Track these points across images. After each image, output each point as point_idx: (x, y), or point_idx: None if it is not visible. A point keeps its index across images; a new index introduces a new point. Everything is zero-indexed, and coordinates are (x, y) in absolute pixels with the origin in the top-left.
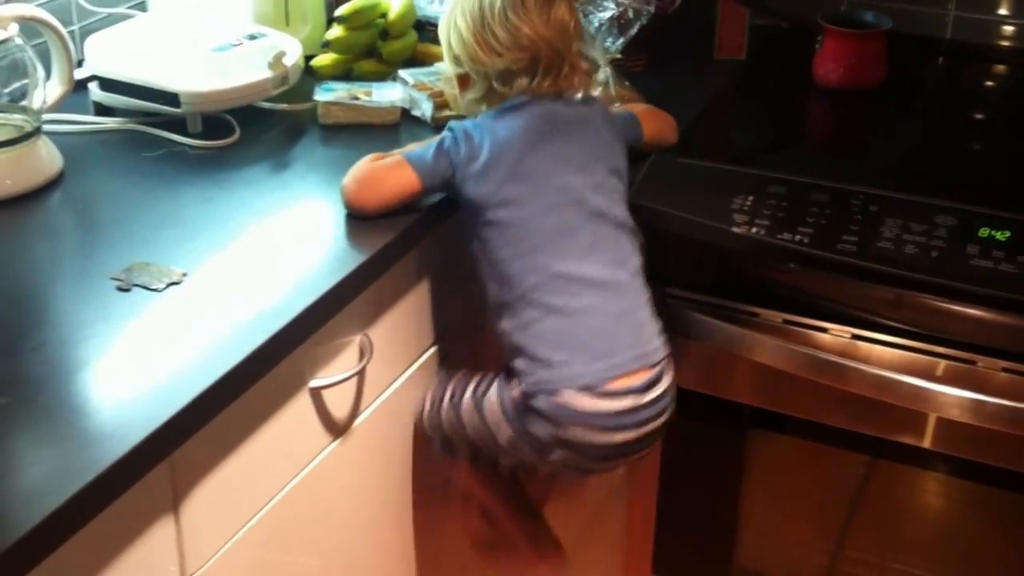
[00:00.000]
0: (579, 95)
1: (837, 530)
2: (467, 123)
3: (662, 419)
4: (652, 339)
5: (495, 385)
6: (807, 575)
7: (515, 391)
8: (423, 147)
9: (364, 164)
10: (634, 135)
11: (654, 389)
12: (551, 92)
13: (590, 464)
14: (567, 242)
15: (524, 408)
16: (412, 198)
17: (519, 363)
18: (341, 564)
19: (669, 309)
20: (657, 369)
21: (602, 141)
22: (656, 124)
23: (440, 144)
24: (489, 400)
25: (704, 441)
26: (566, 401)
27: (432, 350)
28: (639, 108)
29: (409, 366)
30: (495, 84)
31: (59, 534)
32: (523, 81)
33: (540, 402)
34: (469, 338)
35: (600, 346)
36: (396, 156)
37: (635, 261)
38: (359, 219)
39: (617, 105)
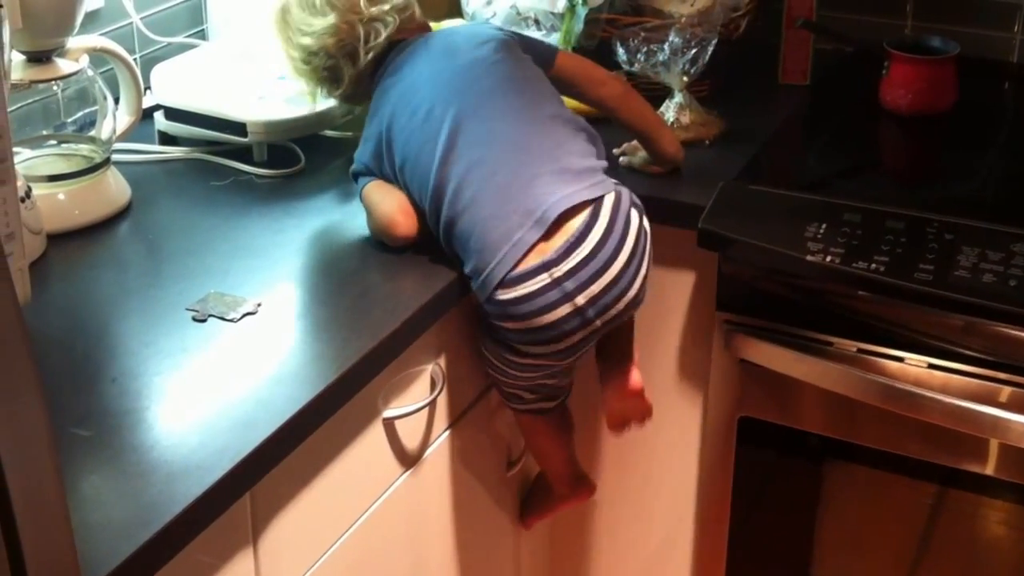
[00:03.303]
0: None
1: (909, 562)
2: (360, 147)
3: (606, 277)
4: (550, 193)
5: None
6: None
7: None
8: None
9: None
10: (544, 56)
11: (576, 252)
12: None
13: (559, 348)
14: (432, 147)
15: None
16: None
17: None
18: None
19: (741, 337)
20: (575, 227)
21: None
22: (576, 62)
23: (355, 175)
24: (483, 346)
25: (775, 471)
26: (497, 299)
27: None
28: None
29: (479, 395)
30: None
31: (147, 569)
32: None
33: (488, 308)
34: None
35: (496, 232)
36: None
37: (521, 115)
38: (427, 240)
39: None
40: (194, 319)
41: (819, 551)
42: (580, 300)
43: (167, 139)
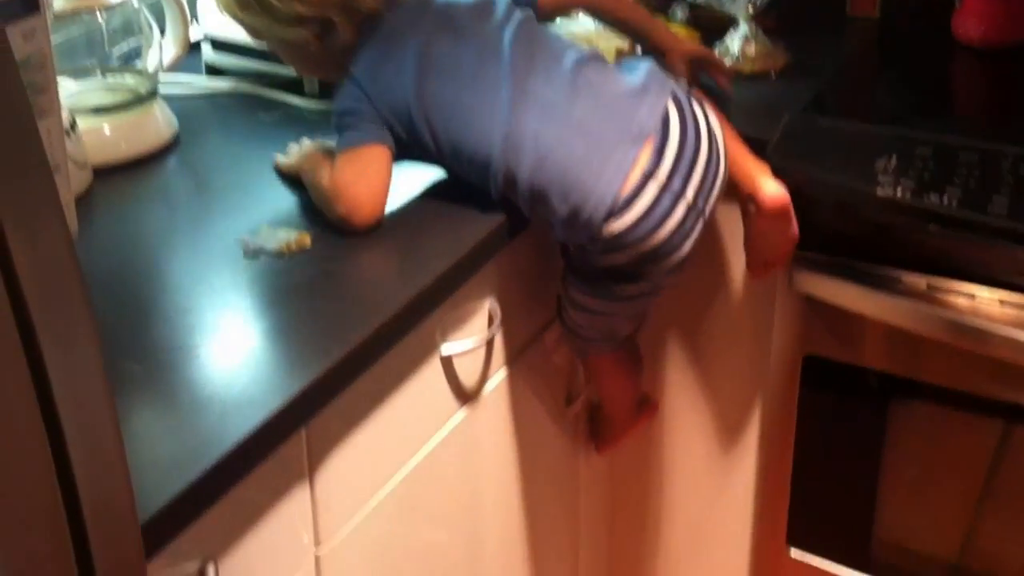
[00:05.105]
0: None
1: (975, 500)
2: (345, 89)
3: (700, 163)
4: (637, 107)
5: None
6: (947, 545)
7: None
8: (345, 135)
9: (323, 180)
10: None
11: (666, 151)
12: None
13: (682, 256)
14: (492, 100)
15: (596, 263)
16: (390, 170)
17: (556, 235)
18: (466, 538)
19: (806, 273)
20: (660, 131)
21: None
22: None
23: (347, 114)
24: (576, 292)
25: (839, 410)
26: (610, 233)
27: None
28: None
29: (538, 331)
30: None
31: (200, 503)
32: None
33: (594, 249)
34: None
35: (594, 162)
36: (341, 154)
37: (568, 58)
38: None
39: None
40: (245, 254)
41: (883, 490)
42: (690, 193)
43: (215, 71)
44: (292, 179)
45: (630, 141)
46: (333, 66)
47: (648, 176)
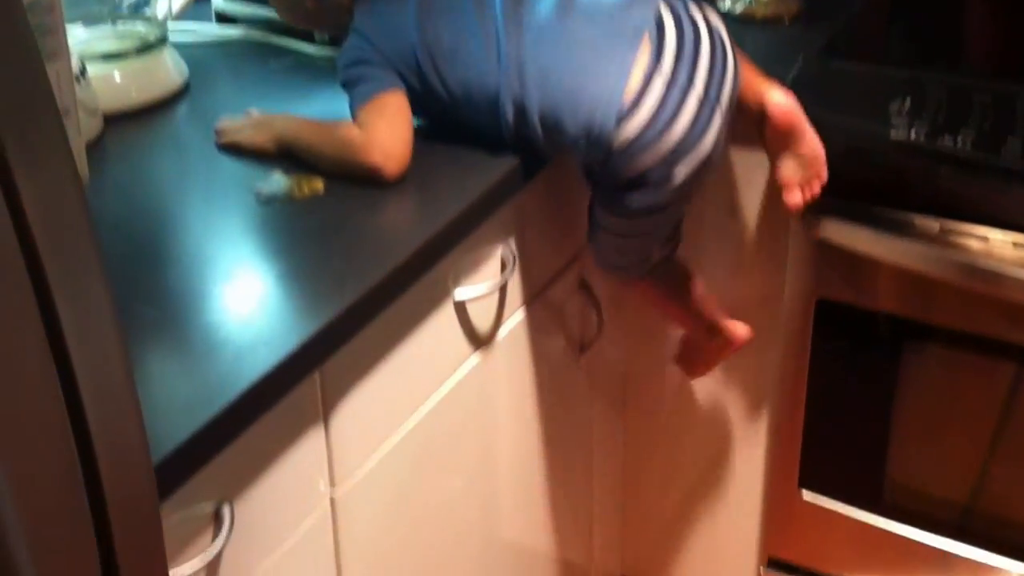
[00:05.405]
0: None
1: (987, 444)
2: (349, 43)
3: (704, 54)
4: (627, 12)
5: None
6: (959, 488)
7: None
8: (360, 87)
9: (344, 137)
10: None
11: (665, 47)
12: None
13: (703, 150)
14: (488, 33)
15: (622, 176)
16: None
17: (577, 161)
18: (480, 481)
19: (819, 216)
20: (655, 30)
21: None
22: None
23: (356, 64)
24: (604, 214)
25: (851, 354)
26: (622, 143)
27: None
28: None
29: (551, 278)
30: None
31: (214, 445)
32: None
33: (616, 160)
34: None
35: (593, 71)
36: (362, 107)
37: None
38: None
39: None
40: (257, 200)
41: (895, 433)
42: (699, 84)
43: (224, 19)
44: (241, 151)
45: (626, 42)
46: (327, 21)
47: (651, 73)
